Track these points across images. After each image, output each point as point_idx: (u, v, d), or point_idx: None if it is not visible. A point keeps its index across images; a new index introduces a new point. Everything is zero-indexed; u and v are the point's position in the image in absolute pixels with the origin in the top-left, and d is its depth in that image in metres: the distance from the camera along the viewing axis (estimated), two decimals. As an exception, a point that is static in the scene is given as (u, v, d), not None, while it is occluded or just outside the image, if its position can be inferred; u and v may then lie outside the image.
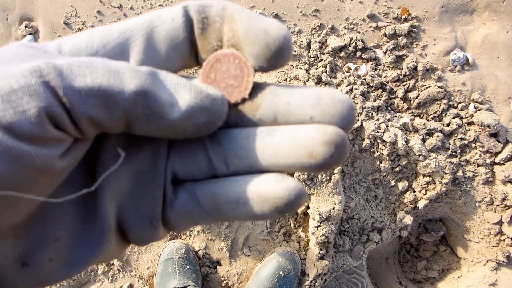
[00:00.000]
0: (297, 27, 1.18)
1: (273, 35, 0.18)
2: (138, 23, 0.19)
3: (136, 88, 0.17)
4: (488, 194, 1.10)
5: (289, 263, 1.04)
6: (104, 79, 0.16)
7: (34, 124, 0.15)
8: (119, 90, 0.16)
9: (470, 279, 1.12)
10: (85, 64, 0.16)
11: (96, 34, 0.19)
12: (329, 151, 0.18)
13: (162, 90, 0.17)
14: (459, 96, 1.14)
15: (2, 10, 1.19)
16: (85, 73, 0.16)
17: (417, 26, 1.18)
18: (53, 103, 0.15)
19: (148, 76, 0.17)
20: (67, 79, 0.16)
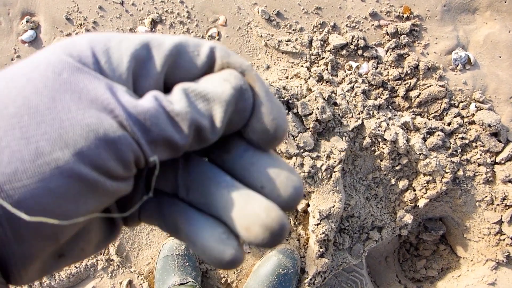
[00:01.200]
0: (298, 25, 1.18)
1: (280, 128, 0.22)
2: (166, 42, 0.21)
3: (188, 131, 0.20)
4: (489, 194, 1.10)
5: (289, 261, 1.04)
6: (167, 131, 0.19)
7: (127, 170, 0.19)
8: (178, 138, 0.20)
9: (469, 278, 1.12)
10: (149, 116, 0.19)
11: (125, 47, 0.21)
12: (264, 235, 0.20)
13: (201, 115, 0.20)
14: (460, 95, 1.14)
15: (4, 4, 1.19)
16: (151, 127, 0.19)
17: (419, 25, 1.18)
18: (139, 153, 0.19)
19: (188, 108, 0.20)
20: (142, 134, 0.19)
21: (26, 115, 0.17)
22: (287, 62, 1.17)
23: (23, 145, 0.17)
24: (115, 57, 0.20)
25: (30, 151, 0.17)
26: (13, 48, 1.18)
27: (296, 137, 1.01)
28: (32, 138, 0.17)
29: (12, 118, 0.17)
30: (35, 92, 0.18)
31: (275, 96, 1.01)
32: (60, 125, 0.17)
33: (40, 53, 0.20)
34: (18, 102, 0.18)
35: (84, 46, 0.20)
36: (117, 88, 0.19)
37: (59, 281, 1.09)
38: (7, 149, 0.17)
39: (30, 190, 0.16)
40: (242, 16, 1.19)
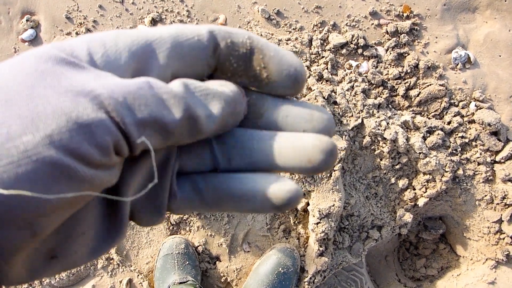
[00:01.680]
0: (298, 24, 1.18)
1: (298, 69, 0.22)
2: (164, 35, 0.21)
3: (182, 115, 0.19)
4: (488, 193, 1.10)
5: (289, 260, 1.04)
6: (156, 111, 0.19)
7: (104, 155, 0.18)
8: (170, 120, 0.19)
9: (469, 277, 1.12)
10: (138, 95, 0.18)
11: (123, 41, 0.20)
12: (326, 158, 0.21)
13: (198, 105, 0.20)
14: (460, 95, 1.14)
15: (4, 3, 1.19)
16: (140, 107, 0.18)
17: (419, 24, 1.18)
18: (119, 137, 0.18)
19: (186, 95, 0.20)
20: (127, 114, 0.18)
21: (3, 100, 0.17)
22: (287, 61, 1.16)
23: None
24: (112, 52, 0.20)
25: (2, 135, 0.16)
26: (13, 47, 1.18)
27: (296, 136, 1.01)
28: (5, 123, 0.17)
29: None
30: (14, 80, 0.18)
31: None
32: (33, 109, 0.17)
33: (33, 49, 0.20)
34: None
35: (79, 43, 0.20)
36: (104, 73, 0.19)
37: (59, 279, 1.09)
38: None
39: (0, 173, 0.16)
40: (242, 15, 1.19)
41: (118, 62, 0.20)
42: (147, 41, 0.21)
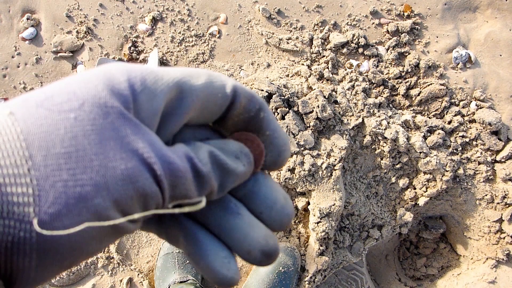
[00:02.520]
0: (299, 23, 1.18)
1: (287, 153, 0.26)
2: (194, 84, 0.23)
3: (205, 193, 0.22)
4: (489, 192, 1.10)
5: (289, 259, 1.04)
6: (190, 190, 0.21)
7: (147, 217, 0.21)
8: (196, 196, 0.22)
9: (469, 276, 1.12)
10: (181, 176, 0.21)
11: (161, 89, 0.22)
12: (263, 259, 0.24)
13: (216, 181, 0.23)
14: (461, 94, 1.14)
15: (4, 2, 1.18)
16: (179, 185, 0.21)
17: (419, 23, 1.18)
18: (160, 204, 0.21)
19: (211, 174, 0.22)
20: (170, 190, 0.21)
21: (74, 157, 0.18)
22: (288, 60, 1.16)
23: (69, 187, 0.18)
24: (150, 90, 0.21)
25: (75, 194, 0.18)
26: (13, 46, 1.18)
27: (296, 135, 1.01)
28: (78, 181, 0.18)
29: (60, 158, 0.18)
30: (83, 135, 0.19)
31: (277, 96, 1.01)
32: (104, 172, 0.18)
33: (80, 82, 0.20)
34: (66, 142, 0.18)
35: (122, 82, 0.21)
36: (155, 140, 0.21)
37: (59, 278, 1.09)
38: (53, 189, 0.17)
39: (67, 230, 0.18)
40: (242, 14, 1.19)
41: (154, 110, 0.22)
42: (181, 89, 0.23)
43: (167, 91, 0.22)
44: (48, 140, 0.18)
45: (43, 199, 0.17)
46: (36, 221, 0.17)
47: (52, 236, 0.17)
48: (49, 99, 0.19)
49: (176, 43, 1.18)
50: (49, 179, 0.17)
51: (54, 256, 0.18)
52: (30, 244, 0.17)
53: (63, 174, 0.18)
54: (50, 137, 0.18)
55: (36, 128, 0.18)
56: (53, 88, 0.20)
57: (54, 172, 0.18)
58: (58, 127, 0.18)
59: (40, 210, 0.17)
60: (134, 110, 0.21)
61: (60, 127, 0.18)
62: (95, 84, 0.20)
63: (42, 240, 0.17)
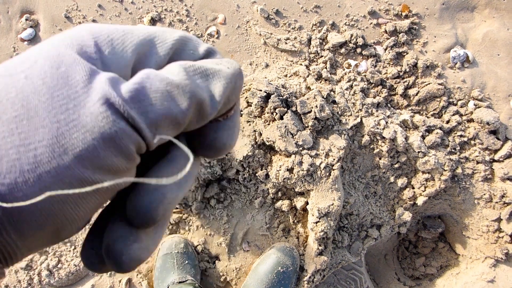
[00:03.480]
0: (297, 23, 1.18)
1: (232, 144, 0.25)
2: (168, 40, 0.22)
3: (188, 103, 0.20)
4: (487, 191, 1.10)
5: (288, 259, 1.04)
6: (166, 107, 0.19)
7: (130, 162, 0.19)
8: (178, 112, 0.19)
9: (468, 275, 1.12)
10: (146, 94, 0.18)
11: (129, 40, 0.21)
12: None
13: (201, 88, 0.20)
14: (459, 93, 1.14)
15: (3, 3, 1.19)
16: (150, 106, 0.18)
17: (417, 23, 1.18)
18: (140, 140, 0.19)
19: (187, 81, 0.20)
20: (142, 115, 0.18)
21: (25, 119, 0.17)
22: (286, 61, 1.17)
23: (22, 153, 0.16)
24: (118, 49, 0.20)
25: (29, 159, 0.16)
26: (12, 46, 1.18)
27: (295, 135, 1.01)
28: (31, 145, 0.17)
29: (11, 123, 0.17)
30: (34, 92, 0.17)
31: (275, 96, 1.01)
32: (57, 130, 0.17)
33: (40, 45, 0.20)
34: (17, 105, 0.17)
35: (86, 36, 0.20)
36: (113, 76, 0.19)
37: (58, 279, 1.09)
38: (5, 158, 0.16)
39: (31, 199, 0.16)
40: (241, 14, 1.20)
41: (123, 61, 0.20)
42: (151, 42, 0.21)
43: (138, 44, 0.21)
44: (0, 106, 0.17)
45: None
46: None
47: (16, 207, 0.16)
48: (5, 66, 0.18)
49: (174, 44, 1.18)
50: (1, 148, 0.16)
51: (30, 225, 0.17)
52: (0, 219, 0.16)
53: (16, 139, 0.16)
54: (1, 103, 0.17)
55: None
56: (15, 57, 0.19)
57: (5, 139, 0.16)
58: (9, 90, 0.17)
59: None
60: (100, 62, 0.19)
61: (10, 90, 0.17)
62: (53, 43, 0.19)
63: (8, 212, 0.16)
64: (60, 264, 1.09)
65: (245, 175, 1.07)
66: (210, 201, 1.11)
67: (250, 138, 1.06)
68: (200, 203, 1.09)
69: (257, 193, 1.10)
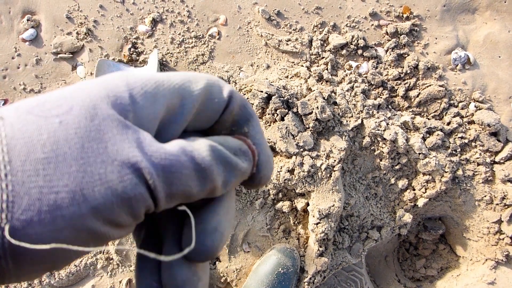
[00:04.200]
0: (299, 24, 1.18)
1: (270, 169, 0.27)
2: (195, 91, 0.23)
3: (205, 189, 0.21)
4: (488, 193, 1.10)
5: (288, 260, 1.04)
6: (188, 186, 0.20)
7: (136, 220, 0.20)
8: (196, 192, 0.21)
9: (469, 277, 1.12)
10: (175, 170, 0.20)
11: (161, 93, 0.22)
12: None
13: (219, 175, 0.22)
14: (459, 95, 1.14)
15: (5, 3, 1.19)
16: (175, 180, 0.20)
17: (418, 25, 1.18)
18: (152, 205, 0.20)
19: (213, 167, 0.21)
20: (163, 188, 0.19)
21: (53, 163, 0.18)
22: (287, 62, 1.17)
23: (44, 194, 0.17)
24: (151, 102, 0.21)
25: (50, 201, 0.17)
26: (13, 47, 1.18)
27: (295, 137, 1.01)
28: (54, 188, 0.17)
29: (38, 163, 0.17)
30: (66, 139, 0.18)
31: (276, 97, 1.01)
32: (82, 179, 0.18)
33: (75, 89, 0.20)
34: (47, 148, 0.18)
35: (122, 87, 0.21)
36: (145, 137, 0.20)
37: (59, 279, 1.09)
38: (27, 196, 0.17)
39: (40, 238, 0.17)
40: (242, 15, 1.20)
41: (153, 116, 0.21)
42: (181, 95, 0.22)
43: (168, 96, 0.21)
44: (30, 146, 0.18)
45: (17, 205, 0.17)
46: (8, 228, 0.16)
47: (26, 240, 0.17)
48: (40, 105, 0.19)
49: (176, 45, 1.18)
50: (24, 185, 0.17)
51: (29, 261, 0.17)
52: (3, 248, 0.17)
53: (39, 180, 0.17)
54: (31, 143, 0.18)
55: (20, 134, 0.18)
56: (48, 95, 0.20)
57: (30, 178, 0.17)
58: (41, 132, 0.18)
59: (13, 217, 0.17)
60: (133, 114, 0.20)
61: (43, 132, 0.18)
62: (90, 90, 0.20)
63: (14, 246, 0.17)
64: (61, 265, 1.09)
65: (245, 176, 1.07)
66: (210, 202, 1.11)
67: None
68: (200, 204, 1.09)
69: (257, 194, 1.10)
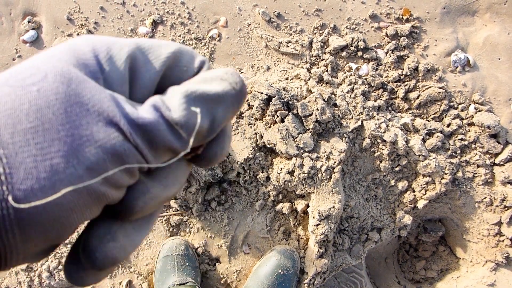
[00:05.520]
0: (299, 26, 1.19)
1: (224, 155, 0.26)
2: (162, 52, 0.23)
3: (188, 138, 0.22)
4: (488, 195, 1.10)
5: (288, 261, 1.04)
6: (167, 140, 0.21)
7: (132, 179, 0.21)
8: (179, 145, 0.21)
9: (468, 279, 1.12)
10: (151, 127, 0.20)
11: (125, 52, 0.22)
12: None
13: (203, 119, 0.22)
14: (459, 97, 1.14)
15: (6, 4, 1.19)
16: (153, 137, 0.20)
17: (418, 27, 1.18)
18: (142, 161, 0.21)
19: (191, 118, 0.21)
20: (146, 144, 0.20)
21: (41, 130, 0.18)
22: (287, 63, 1.17)
23: (38, 162, 0.18)
24: (117, 64, 0.22)
25: (46, 168, 0.18)
26: (14, 48, 1.18)
27: (296, 138, 1.01)
28: (47, 155, 0.18)
29: (27, 133, 0.18)
30: (48, 106, 0.19)
31: (276, 99, 1.02)
32: (72, 142, 0.18)
33: (45, 58, 0.21)
34: (31, 117, 0.18)
35: (88, 53, 0.21)
36: (119, 99, 0.20)
37: (59, 280, 1.09)
38: (23, 165, 0.17)
39: (43, 205, 0.17)
40: (242, 17, 1.20)
41: (121, 74, 0.22)
42: (144, 53, 0.23)
43: (132, 58, 0.22)
44: (14, 117, 0.18)
45: (15, 176, 0.17)
46: (11, 198, 0.17)
47: (31, 208, 0.17)
48: (13, 76, 0.19)
49: (176, 46, 1.18)
50: (18, 156, 0.17)
51: (36, 228, 0.18)
52: (9, 220, 0.17)
53: (32, 149, 0.18)
54: (15, 114, 0.18)
55: (1, 106, 0.18)
56: (18, 66, 0.20)
57: (22, 148, 0.18)
58: (22, 101, 0.18)
59: (13, 187, 0.17)
60: (103, 79, 0.21)
61: (24, 101, 0.18)
62: (59, 57, 0.21)
63: (21, 215, 0.17)
64: (61, 266, 1.09)
65: (246, 178, 1.07)
66: (211, 203, 1.11)
67: (251, 140, 1.06)
68: (201, 205, 1.09)
69: (258, 195, 1.10)
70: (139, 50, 0.22)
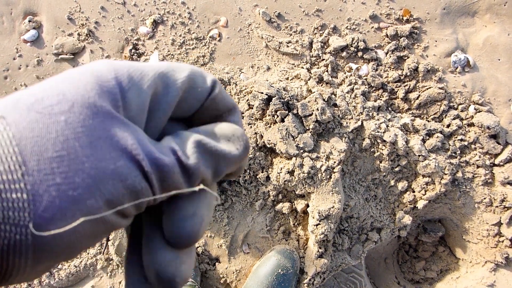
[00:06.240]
0: (299, 27, 1.19)
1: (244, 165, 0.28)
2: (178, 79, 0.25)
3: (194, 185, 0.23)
4: (487, 195, 1.10)
5: (288, 261, 1.04)
6: (179, 183, 0.22)
7: (138, 211, 0.22)
8: (186, 187, 0.23)
9: (468, 280, 1.12)
10: (169, 173, 0.22)
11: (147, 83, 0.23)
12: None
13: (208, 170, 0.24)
14: (459, 98, 1.15)
15: (7, 4, 1.19)
16: (169, 180, 0.22)
17: (418, 28, 1.19)
18: (152, 200, 0.22)
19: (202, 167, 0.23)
20: (160, 185, 0.22)
21: (66, 161, 0.19)
22: (288, 64, 1.17)
23: (62, 191, 0.18)
24: (139, 93, 0.23)
25: (68, 198, 0.18)
26: (15, 47, 1.19)
27: (296, 138, 1.02)
28: (71, 184, 0.19)
29: (52, 162, 0.19)
30: (74, 138, 0.19)
31: (277, 99, 1.02)
32: (96, 174, 0.19)
33: (70, 84, 0.21)
34: (58, 146, 0.19)
35: (111, 80, 0.22)
36: (141, 135, 0.22)
37: (59, 280, 1.09)
38: (46, 194, 0.18)
39: (62, 232, 0.18)
40: (243, 17, 1.20)
41: (142, 106, 0.23)
42: (165, 83, 0.24)
43: (153, 86, 0.23)
44: (41, 145, 0.19)
45: (38, 203, 0.18)
46: (32, 225, 0.17)
47: (49, 236, 0.18)
48: (39, 101, 0.20)
49: (176, 46, 1.19)
50: (42, 184, 0.18)
51: (49, 254, 0.19)
52: (26, 245, 0.18)
53: (56, 178, 0.18)
54: (42, 141, 0.19)
55: (28, 133, 0.19)
56: (42, 89, 0.21)
57: (47, 176, 0.18)
58: (50, 130, 0.19)
59: (35, 214, 0.18)
60: (123, 107, 0.22)
61: (51, 130, 0.19)
62: (83, 84, 0.21)
63: (38, 241, 0.18)
64: (60, 265, 1.09)
65: (246, 177, 1.07)
66: (210, 203, 1.11)
67: (251, 140, 1.06)
68: (200, 205, 1.09)
69: (257, 195, 1.10)
70: (158, 77, 0.23)
